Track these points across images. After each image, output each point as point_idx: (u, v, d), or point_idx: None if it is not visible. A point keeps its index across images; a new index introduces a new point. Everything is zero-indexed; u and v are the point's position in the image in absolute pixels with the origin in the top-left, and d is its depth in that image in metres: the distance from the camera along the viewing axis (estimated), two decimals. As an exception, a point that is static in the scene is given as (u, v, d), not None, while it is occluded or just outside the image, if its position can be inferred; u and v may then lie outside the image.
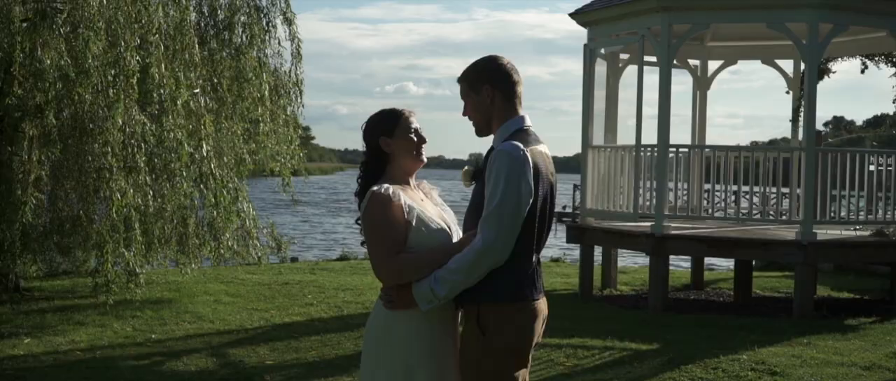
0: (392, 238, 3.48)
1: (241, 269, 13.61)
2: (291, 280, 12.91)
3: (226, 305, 10.59)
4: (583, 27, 11.96)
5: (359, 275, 14.00)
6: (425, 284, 3.44)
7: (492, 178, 3.39)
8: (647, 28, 10.78)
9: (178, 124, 8.67)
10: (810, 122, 10.28)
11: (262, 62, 11.25)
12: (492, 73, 3.57)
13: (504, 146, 3.42)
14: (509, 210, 3.36)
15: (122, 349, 8.31)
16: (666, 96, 10.61)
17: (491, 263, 3.39)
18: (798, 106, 13.25)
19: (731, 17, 10.59)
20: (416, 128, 3.69)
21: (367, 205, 3.53)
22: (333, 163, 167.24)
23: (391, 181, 3.60)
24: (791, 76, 13.33)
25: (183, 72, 8.74)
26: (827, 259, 10.86)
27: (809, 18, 10.07)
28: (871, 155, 11.44)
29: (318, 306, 10.70)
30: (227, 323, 9.53)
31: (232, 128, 10.72)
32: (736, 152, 11.39)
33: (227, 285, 12.10)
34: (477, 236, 3.40)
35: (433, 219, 3.59)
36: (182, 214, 10.32)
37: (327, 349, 8.44)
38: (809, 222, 10.18)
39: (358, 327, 9.34)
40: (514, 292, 3.46)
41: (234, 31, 11.07)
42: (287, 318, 9.92)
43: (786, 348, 8.41)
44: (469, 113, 3.64)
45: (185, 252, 10.44)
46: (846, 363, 7.81)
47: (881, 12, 10.37)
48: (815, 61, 10.16)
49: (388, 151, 3.65)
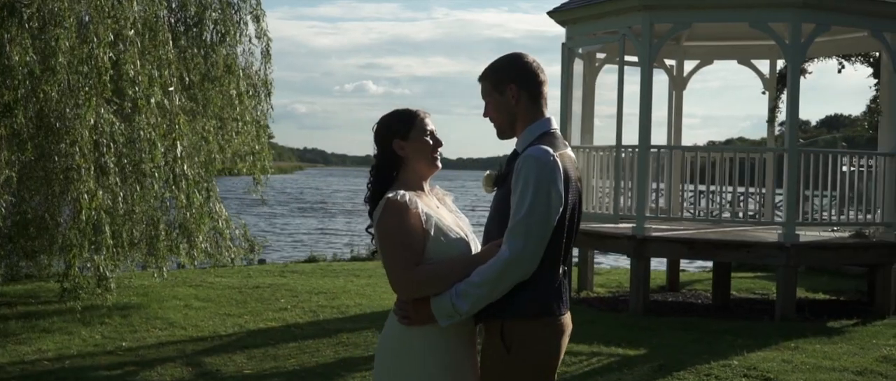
0: (410, 249, 3.24)
1: (210, 272, 13.27)
2: (262, 283, 12.59)
3: (197, 310, 10.25)
4: (561, 26, 11.79)
5: (330, 278, 13.71)
6: (446, 298, 3.20)
7: (520, 184, 3.16)
8: (628, 27, 10.63)
9: (152, 124, 8.32)
10: (793, 122, 10.19)
11: (232, 60, 10.94)
12: (518, 71, 3.34)
13: (533, 151, 3.19)
14: (538, 219, 3.14)
15: (92, 359, 7.96)
16: (647, 96, 10.48)
17: (518, 276, 3.16)
18: (774, 106, 13.21)
19: (713, 17, 10.48)
20: (432, 130, 3.45)
21: (382, 213, 3.28)
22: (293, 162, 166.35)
23: (405, 187, 3.36)
24: (767, 77, 13.27)
25: (156, 69, 8.40)
26: (809, 261, 10.79)
27: (792, 18, 9.98)
28: (845, 156, 11.39)
29: (293, 310, 10.40)
30: (199, 330, 9.21)
31: (203, 127, 10.39)
32: (718, 153, 11.25)
33: (196, 289, 11.75)
34: (503, 246, 3.17)
35: (452, 228, 3.36)
36: (152, 215, 9.97)
37: (306, 356, 8.17)
38: (792, 223, 10.09)
39: (336, 333, 9.09)
40: (541, 306, 3.23)
41: (205, 28, 10.75)
42: (262, 324, 9.62)
43: (774, 352, 8.29)
44: (490, 114, 3.41)
45: (155, 255, 10.08)
46: (838, 367, 7.70)
47: (862, 12, 10.31)
48: (798, 61, 10.07)
49: (402, 154, 3.41)
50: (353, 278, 13.75)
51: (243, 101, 11.00)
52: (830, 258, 11.09)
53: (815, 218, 10.75)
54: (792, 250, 9.95)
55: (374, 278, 13.78)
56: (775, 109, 13.21)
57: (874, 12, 10.30)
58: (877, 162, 10.78)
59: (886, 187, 10.69)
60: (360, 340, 8.82)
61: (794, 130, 10.19)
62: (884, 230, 10.80)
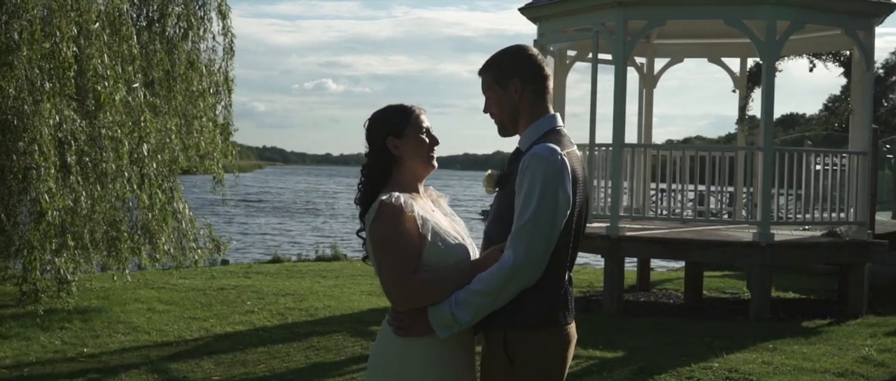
0: (406, 255, 3.01)
1: (173, 273, 12.92)
2: (227, 285, 12.28)
3: (160, 314, 9.93)
4: (533, 23, 11.61)
5: (296, 279, 13.45)
6: (445, 307, 2.98)
7: (525, 185, 2.95)
8: (602, 24, 10.48)
9: (117, 121, 7.99)
10: (768, 120, 10.10)
11: (195, 57, 10.62)
12: (521, 65, 3.13)
13: (539, 149, 2.98)
14: (544, 223, 2.93)
15: (52, 366, 7.63)
16: (621, 94, 10.34)
17: (522, 283, 2.95)
18: (745, 105, 13.14)
19: (687, 14, 10.35)
20: (427, 127, 3.24)
21: (375, 217, 3.05)
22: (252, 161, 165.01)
23: (399, 188, 3.14)
24: (737, 75, 13.21)
25: (121, 65, 8.07)
26: (784, 261, 10.71)
27: (767, 16, 9.89)
28: (817, 155, 11.34)
29: (260, 313, 10.12)
30: (164, 334, 8.89)
31: (165, 124, 10.08)
32: (693, 151, 11.14)
33: (158, 292, 11.41)
34: (506, 251, 2.96)
35: (449, 232, 3.15)
36: (113, 216, 9.64)
37: (276, 361, 7.90)
38: (767, 222, 10.01)
39: (306, 337, 8.84)
40: (546, 315, 3.03)
41: (167, 23, 10.42)
42: (228, 327, 9.33)
43: (754, 354, 8.18)
44: (491, 109, 3.19)
45: (117, 257, 9.74)
46: (819, 369, 7.60)
47: (836, 10, 10.26)
48: (773, 59, 9.98)
49: (396, 153, 3.19)
50: (319, 279, 13.49)
51: (206, 98, 10.69)
52: (805, 258, 11.03)
53: (789, 217, 10.66)
54: (767, 249, 9.86)
55: (341, 278, 13.54)
56: (745, 107, 13.14)
57: (848, 10, 10.25)
58: (849, 161, 10.73)
59: (859, 186, 10.64)
60: (332, 344, 8.58)
61: (769, 129, 10.10)
62: (856, 229, 10.76)
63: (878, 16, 10.58)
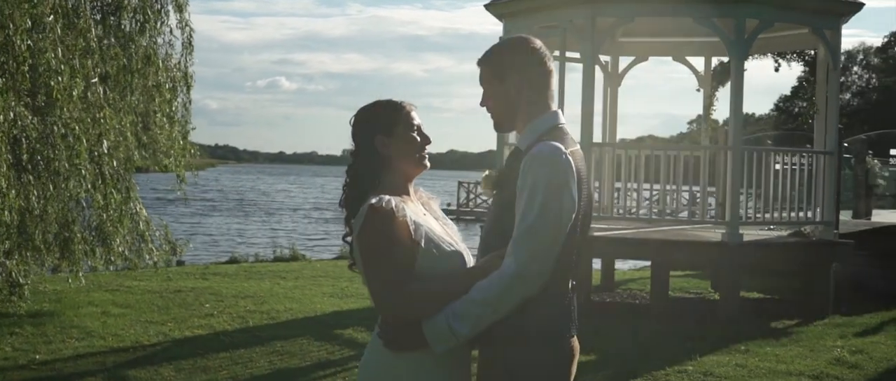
0: (398, 264, 2.78)
1: (127, 275, 12.54)
2: (184, 287, 11.93)
3: (116, 317, 9.58)
4: (498, 20, 11.43)
5: (255, 280, 13.12)
6: (441, 320, 2.76)
7: (527, 187, 2.73)
8: (570, 21, 10.33)
9: (74, 118, 7.63)
10: (737, 119, 10.02)
11: (152, 51, 10.27)
12: (522, 58, 2.91)
13: (542, 149, 2.76)
14: (549, 227, 2.71)
15: (2, 374, 7.26)
16: (589, 92, 10.20)
17: (525, 292, 2.73)
18: (709, 104, 13.09)
19: (657, 11, 10.23)
20: (418, 124, 3.01)
21: (364, 222, 2.82)
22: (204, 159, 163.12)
23: (388, 190, 2.91)
24: (702, 74, 13.15)
25: (78, 59, 7.71)
26: (752, 261, 10.63)
27: (737, 14, 9.80)
28: (784, 154, 11.29)
29: (220, 316, 9.80)
30: (120, 339, 8.55)
31: (120, 121, 9.71)
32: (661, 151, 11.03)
33: (113, 294, 11.04)
34: (507, 259, 2.74)
35: (444, 238, 2.92)
36: (66, 216, 9.26)
37: (239, 367, 7.62)
38: (735, 222, 9.92)
39: (268, 341, 8.56)
40: (549, 328, 2.82)
41: (123, 16, 10.05)
42: (188, 331, 9.01)
43: (727, 356, 8.08)
44: (488, 103, 2.97)
45: (70, 259, 9.36)
46: (794, 372, 7.51)
47: (805, 9, 10.21)
48: (742, 57, 9.89)
49: (384, 153, 2.96)
50: (279, 280, 13.18)
51: (163, 93, 10.34)
52: (773, 258, 10.96)
53: (756, 217, 10.58)
54: (736, 249, 9.78)
55: (301, 280, 13.25)
56: (710, 106, 13.09)
57: (817, 9, 10.21)
58: (815, 160, 10.68)
59: (826, 186, 10.61)
60: (296, 348, 8.31)
61: (738, 128, 10.02)
62: (823, 229, 10.72)
63: (846, 15, 10.56)
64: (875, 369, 7.70)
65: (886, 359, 8.03)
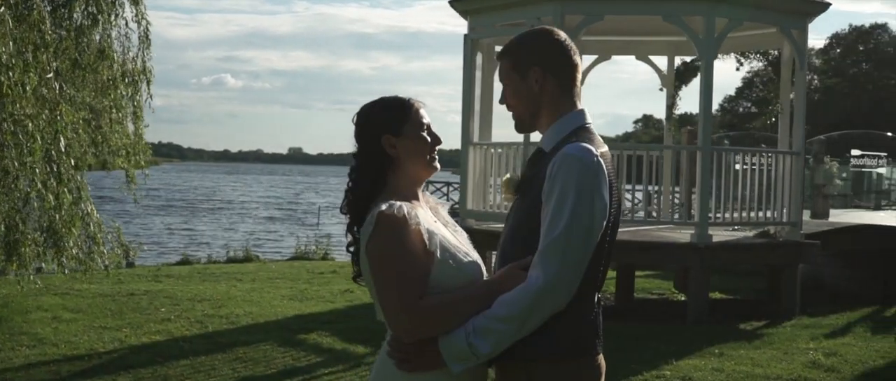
0: (412, 277, 2.53)
1: (78, 278, 12.07)
2: (136, 290, 11.50)
3: (68, 323, 9.16)
4: (463, 17, 11.21)
5: (210, 282, 12.72)
6: (460, 336, 2.52)
7: (556, 192, 2.50)
8: (538, 18, 10.12)
9: (28, 114, 7.22)
10: (706, 119, 9.92)
11: (106, 45, 9.86)
12: (546, 51, 2.68)
13: (572, 150, 2.53)
14: (579, 236, 2.49)
15: (-51, 386, 6.88)
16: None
17: (553, 307, 2.51)
18: (672, 104, 13.01)
19: (626, 9, 10.09)
20: (428, 124, 2.77)
21: (374, 231, 2.56)
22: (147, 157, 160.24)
23: (396, 194, 2.66)
24: (665, 73, 13.06)
25: (32, 52, 7.30)
26: (721, 262, 10.54)
27: (706, 12, 9.69)
28: (748, 154, 11.21)
29: (177, 321, 9.44)
30: (73, 347, 8.15)
31: (75, 118, 9.30)
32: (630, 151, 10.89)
33: (63, 299, 10.60)
34: (533, 270, 2.51)
35: (459, 247, 2.68)
36: (14, 217, 8.83)
37: (201, 375, 7.30)
38: (704, 224, 9.82)
39: (230, 347, 8.23)
40: (577, 344, 2.60)
41: (75, 8, 9.62)
42: (144, 337, 8.63)
43: (702, 360, 7.95)
44: (509, 101, 2.74)
45: (19, 262, 8.92)
46: (771, 376, 7.41)
47: (773, 8, 10.15)
48: (711, 56, 9.79)
49: (392, 154, 2.71)
50: (235, 282, 12.81)
51: (119, 88, 9.94)
52: (741, 259, 10.91)
53: (720, 217, 10.48)
54: (705, 250, 9.68)
55: (258, 282, 12.90)
56: (673, 106, 13.01)
57: (785, 9, 10.16)
58: (781, 161, 10.63)
59: (792, 186, 10.56)
60: (259, 355, 8.00)
61: (707, 128, 9.91)
62: (789, 230, 10.68)
63: (813, 15, 10.53)
64: (851, 371, 7.63)
65: (861, 362, 7.96)
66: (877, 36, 55.09)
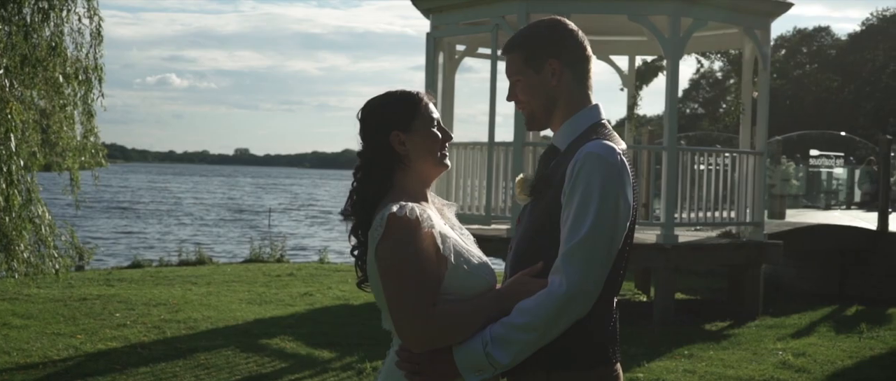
0: (426, 284, 2.37)
1: (26, 282, 11.64)
2: (89, 294, 11.15)
3: (19, 329, 8.82)
4: (425, 16, 11.04)
5: (165, 286, 12.40)
6: (477, 345, 2.36)
7: (578, 192, 2.35)
8: (502, 17, 10.01)
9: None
10: (672, 119, 9.87)
11: (58, 41, 9.51)
12: (562, 43, 2.53)
13: (594, 148, 2.39)
14: (604, 239, 2.35)
15: None
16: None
17: (577, 314, 2.36)
18: (633, 104, 12.98)
19: (592, 8, 10.00)
20: (437, 119, 2.61)
21: (384, 234, 2.39)
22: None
23: (405, 195, 2.50)
24: (626, 73, 13.03)
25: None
26: (686, 263, 10.51)
27: (672, 12, 9.64)
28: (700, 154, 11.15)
29: (134, 327, 9.14)
30: (26, 354, 7.83)
31: (24, 117, 8.96)
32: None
33: (12, 304, 10.23)
34: (555, 276, 2.36)
35: (472, 252, 2.53)
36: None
37: (162, 383, 7.04)
38: (670, 224, 9.77)
39: (190, 353, 7.97)
40: (596, 352, 2.46)
41: (25, 3, 9.26)
42: (100, 344, 8.33)
43: (672, 361, 7.89)
44: (520, 98, 2.58)
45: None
46: (744, 377, 7.36)
47: (737, 9, 10.14)
48: (677, 56, 9.74)
49: (401, 151, 2.54)
50: (190, 285, 12.49)
51: (73, 86, 9.60)
52: (706, 259, 10.89)
53: (689, 218, 10.45)
54: (672, 251, 9.63)
55: (213, 285, 12.59)
56: (634, 106, 12.99)
57: (749, 9, 10.16)
58: (744, 161, 10.63)
59: (755, 187, 10.57)
60: (221, 361, 7.76)
61: (673, 128, 9.86)
62: (752, 230, 10.69)
63: (775, 15, 10.55)
64: (822, 371, 7.62)
65: (830, 362, 7.96)
66: (820, 38, 56.12)
